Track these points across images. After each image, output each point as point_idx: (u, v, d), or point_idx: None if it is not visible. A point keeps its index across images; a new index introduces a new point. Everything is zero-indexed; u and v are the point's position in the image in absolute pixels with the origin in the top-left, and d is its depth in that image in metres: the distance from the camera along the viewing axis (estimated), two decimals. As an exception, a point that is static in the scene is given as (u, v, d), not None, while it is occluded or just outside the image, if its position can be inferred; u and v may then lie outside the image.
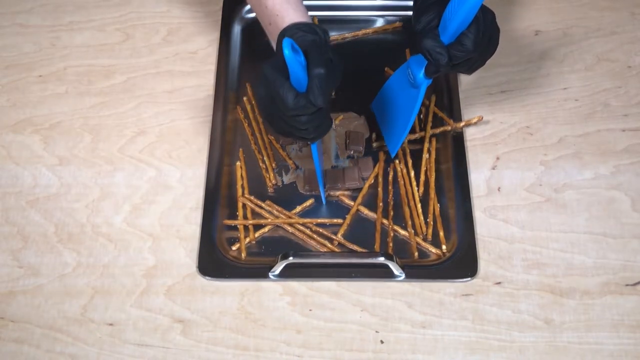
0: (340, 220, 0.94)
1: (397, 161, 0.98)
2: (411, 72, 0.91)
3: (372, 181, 0.97)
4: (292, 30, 0.83)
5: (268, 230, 0.94)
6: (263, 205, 0.95)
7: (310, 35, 0.83)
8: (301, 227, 0.93)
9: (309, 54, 0.80)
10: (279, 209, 0.95)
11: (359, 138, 1.01)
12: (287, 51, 0.77)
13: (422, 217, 0.94)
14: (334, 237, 0.93)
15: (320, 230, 0.93)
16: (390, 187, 0.96)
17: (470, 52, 0.84)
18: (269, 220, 0.94)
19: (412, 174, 0.97)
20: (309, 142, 0.90)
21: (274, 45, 0.89)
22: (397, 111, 0.96)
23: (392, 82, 0.98)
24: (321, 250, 0.92)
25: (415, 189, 0.96)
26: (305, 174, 0.97)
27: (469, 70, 0.89)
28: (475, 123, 1.00)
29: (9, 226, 0.94)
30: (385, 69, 1.07)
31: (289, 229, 0.94)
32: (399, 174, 0.97)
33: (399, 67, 1.07)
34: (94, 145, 1.00)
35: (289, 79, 0.80)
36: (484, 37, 0.85)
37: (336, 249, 0.92)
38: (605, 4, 1.14)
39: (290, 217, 0.94)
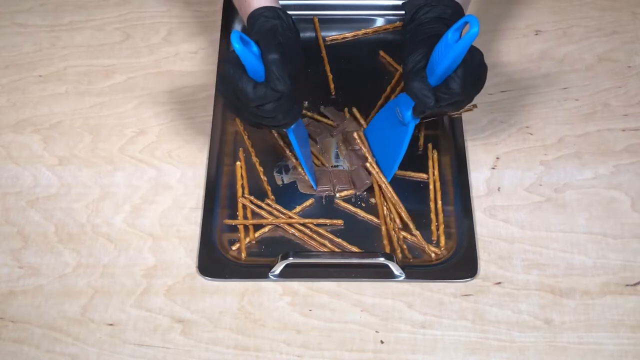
0: (340, 221, 0.94)
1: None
2: (399, 111, 0.92)
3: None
4: (255, 17, 0.86)
5: (268, 230, 0.94)
6: (263, 205, 0.95)
7: (272, 20, 0.85)
8: (301, 227, 0.93)
9: (260, 42, 0.82)
10: (279, 208, 0.95)
11: (356, 139, 1.01)
12: (236, 45, 0.79)
13: (438, 221, 0.94)
14: (334, 237, 0.92)
15: (320, 231, 0.93)
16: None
17: (457, 96, 0.84)
18: (269, 220, 0.94)
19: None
20: (284, 130, 0.91)
21: None
22: (388, 143, 0.96)
23: (382, 115, 0.98)
24: (321, 250, 0.92)
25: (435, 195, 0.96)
26: (317, 175, 0.97)
27: (456, 110, 0.90)
28: (471, 109, 1.00)
29: (9, 226, 0.94)
30: (381, 52, 1.08)
31: (289, 229, 0.94)
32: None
33: (399, 65, 1.08)
34: (94, 145, 1.00)
35: (246, 72, 0.82)
36: (471, 79, 0.85)
37: (336, 249, 0.92)
38: (606, 4, 1.14)
39: (290, 217, 0.94)
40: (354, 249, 0.92)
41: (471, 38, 0.80)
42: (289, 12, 1.13)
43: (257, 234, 0.93)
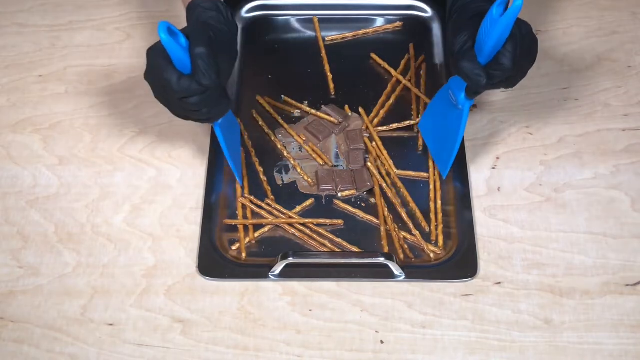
0: (340, 221, 0.94)
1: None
2: (453, 94, 0.90)
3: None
4: (193, 8, 0.85)
5: (268, 230, 0.94)
6: (263, 205, 0.95)
7: (209, 12, 0.85)
8: (301, 227, 0.93)
9: (190, 35, 0.81)
10: (279, 208, 0.95)
11: (358, 136, 1.01)
12: (163, 35, 0.78)
13: (437, 220, 0.94)
14: (334, 237, 0.92)
15: (320, 231, 0.93)
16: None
17: (509, 71, 0.83)
18: (269, 220, 0.94)
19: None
20: (211, 124, 0.90)
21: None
22: (443, 132, 0.95)
23: (436, 103, 0.96)
24: (321, 250, 0.92)
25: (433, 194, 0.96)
26: (319, 175, 0.97)
27: (511, 86, 0.88)
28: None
29: (9, 226, 0.94)
30: (371, 55, 1.08)
31: (289, 229, 0.94)
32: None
33: (398, 66, 1.08)
34: (94, 145, 1.00)
35: (171, 62, 0.81)
36: (522, 53, 0.83)
37: (336, 249, 0.92)
38: (606, 4, 1.14)
39: (290, 217, 0.94)
40: (354, 249, 0.92)
41: (516, 10, 0.79)
42: (289, 12, 1.15)
43: (257, 234, 0.93)
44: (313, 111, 1.03)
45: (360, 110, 1.03)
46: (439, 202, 0.95)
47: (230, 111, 0.90)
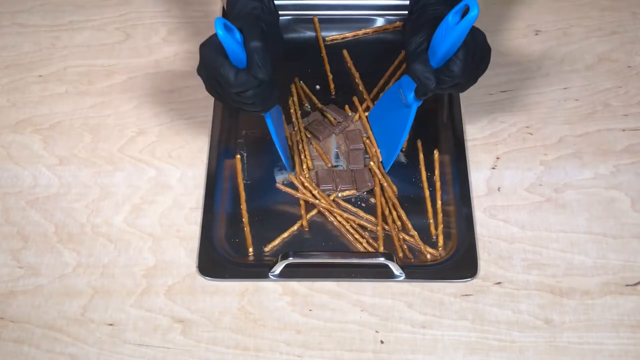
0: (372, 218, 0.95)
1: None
2: (402, 93, 0.92)
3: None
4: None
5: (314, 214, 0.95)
6: (310, 188, 0.95)
7: (252, 2, 0.85)
8: (341, 220, 0.94)
9: (243, 29, 0.82)
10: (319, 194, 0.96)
11: (358, 136, 1.01)
12: (220, 31, 0.79)
13: (438, 220, 0.94)
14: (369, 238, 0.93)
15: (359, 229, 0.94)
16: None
17: (458, 78, 0.84)
18: (319, 202, 0.94)
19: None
20: (262, 114, 0.90)
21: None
22: (390, 127, 0.97)
23: (386, 97, 0.99)
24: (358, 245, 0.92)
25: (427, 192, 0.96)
26: (319, 175, 0.97)
27: (460, 91, 0.90)
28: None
29: (9, 226, 0.94)
30: (344, 51, 1.09)
31: (330, 216, 0.94)
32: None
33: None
34: (94, 145, 1.00)
35: (227, 57, 0.82)
36: (473, 61, 0.84)
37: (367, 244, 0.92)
38: (606, 4, 1.14)
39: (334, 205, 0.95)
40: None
41: (470, 21, 0.80)
42: (289, 12, 1.15)
43: (308, 216, 0.94)
44: (320, 105, 1.04)
45: (354, 99, 1.04)
46: (439, 202, 0.95)
47: None
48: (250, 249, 0.92)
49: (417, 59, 0.85)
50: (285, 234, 0.93)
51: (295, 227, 0.94)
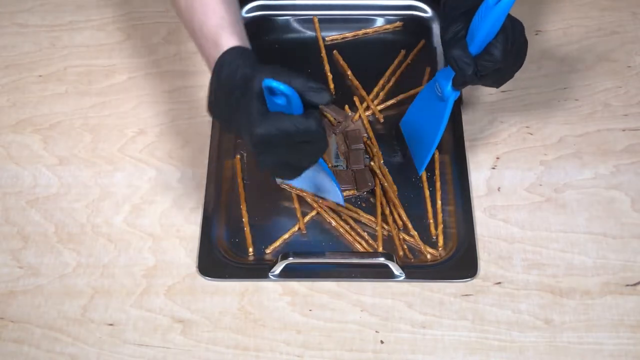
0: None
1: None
2: (439, 85, 0.90)
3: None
4: (237, 55, 0.80)
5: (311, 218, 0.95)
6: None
7: (240, 60, 0.79)
8: (340, 222, 0.94)
9: (291, 80, 0.75)
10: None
11: (358, 137, 1.01)
12: (280, 101, 0.74)
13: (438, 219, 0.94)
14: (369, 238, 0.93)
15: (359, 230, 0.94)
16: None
17: (498, 62, 0.83)
18: (317, 206, 0.95)
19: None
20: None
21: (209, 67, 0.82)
22: (425, 127, 0.95)
23: (419, 100, 0.97)
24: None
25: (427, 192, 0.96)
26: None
27: (497, 83, 0.88)
28: None
29: (9, 226, 0.94)
30: (334, 51, 1.08)
31: (328, 218, 0.94)
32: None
33: (399, 67, 1.08)
34: (94, 145, 1.00)
35: (286, 116, 0.75)
36: (512, 47, 0.83)
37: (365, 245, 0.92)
38: (606, 4, 1.14)
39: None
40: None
41: (511, 1, 0.79)
42: (289, 12, 1.15)
43: (307, 217, 0.94)
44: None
45: (355, 99, 1.04)
46: (439, 202, 0.95)
47: None
48: (251, 249, 0.92)
49: (456, 44, 0.84)
50: (287, 235, 0.93)
51: (296, 228, 0.94)
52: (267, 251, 0.92)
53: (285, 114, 0.75)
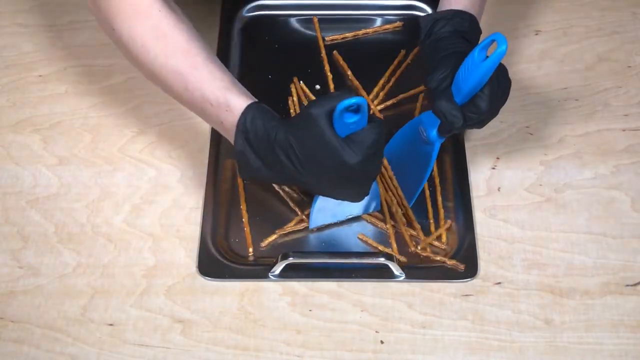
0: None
1: None
2: (424, 130, 0.90)
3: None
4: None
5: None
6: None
7: (265, 116, 0.80)
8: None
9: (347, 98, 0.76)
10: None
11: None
12: (353, 118, 0.75)
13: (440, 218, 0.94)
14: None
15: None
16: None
17: (485, 114, 0.84)
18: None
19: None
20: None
21: (231, 138, 0.83)
22: (410, 164, 0.94)
23: (404, 133, 0.96)
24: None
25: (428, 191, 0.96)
26: None
27: (481, 126, 0.89)
28: None
29: (9, 226, 0.94)
30: (334, 52, 1.08)
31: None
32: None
33: (399, 67, 1.08)
34: (94, 145, 1.00)
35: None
36: (499, 97, 0.84)
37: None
38: (606, 4, 1.14)
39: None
40: (381, 247, 0.91)
41: (499, 56, 0.79)
42: (289, 12, 1.15)
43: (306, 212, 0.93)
44: None
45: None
46: (439, 197, 0.95)
47: None
48: (250, 249, 0.92)
49: (442, 95, 0.84)
50: (284, 231, 0.93)
51: (292, 224, 0.93)
52: (262, 245, 0.92)
53: (359, 130, 0.76)
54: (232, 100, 0.82)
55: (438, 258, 0.90)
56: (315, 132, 0.76)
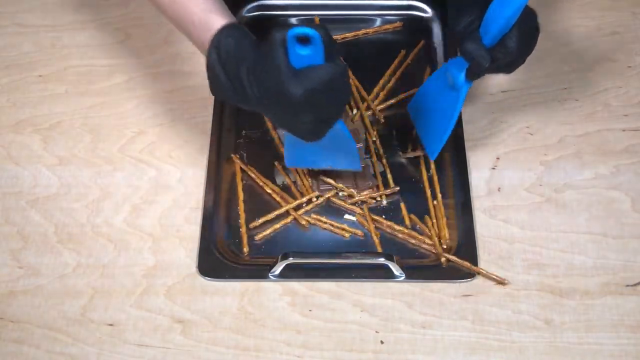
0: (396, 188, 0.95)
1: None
2: (451, 76, 0.89)
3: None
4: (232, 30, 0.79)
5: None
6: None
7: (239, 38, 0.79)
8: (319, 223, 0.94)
9: (320, 28, 0.74)
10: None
11: (357, 135, 1.01)
12: (306, 51, 0.73)
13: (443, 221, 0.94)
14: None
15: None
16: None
17: (514, 55, 0.83)
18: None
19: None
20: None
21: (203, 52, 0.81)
22: (436, 114, 0.94)
23: (429, 85, 0.96)
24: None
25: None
26: (319, 176, 0.97)
27: (510, 70, 0.88)
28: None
29: (9, 226, 0.94)
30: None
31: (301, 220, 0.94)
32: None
33: (399, 67, 1.08)
34: (94, 145, 1.00)
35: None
36: (527, 38, 0.84)
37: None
38: (606, 4, 1.14)
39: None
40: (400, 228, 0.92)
41: None
42: (289, 12, 1.15)
43: (300, 212, 0.94)
44: None
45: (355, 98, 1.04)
46: (439, 195, 0.95)
47: None
48: (245, 249, 0.92)
49: (470, 37, 0.83)
50: (278, 225, 0.93)
51: (288, 220, 0.94)
52: (257, 238, 0.92)
53: (314, 65, 0.74)
54: (212, 21, 0.80)
55: (443, 259, 0.91)
56: (270, 56, 0.75)
